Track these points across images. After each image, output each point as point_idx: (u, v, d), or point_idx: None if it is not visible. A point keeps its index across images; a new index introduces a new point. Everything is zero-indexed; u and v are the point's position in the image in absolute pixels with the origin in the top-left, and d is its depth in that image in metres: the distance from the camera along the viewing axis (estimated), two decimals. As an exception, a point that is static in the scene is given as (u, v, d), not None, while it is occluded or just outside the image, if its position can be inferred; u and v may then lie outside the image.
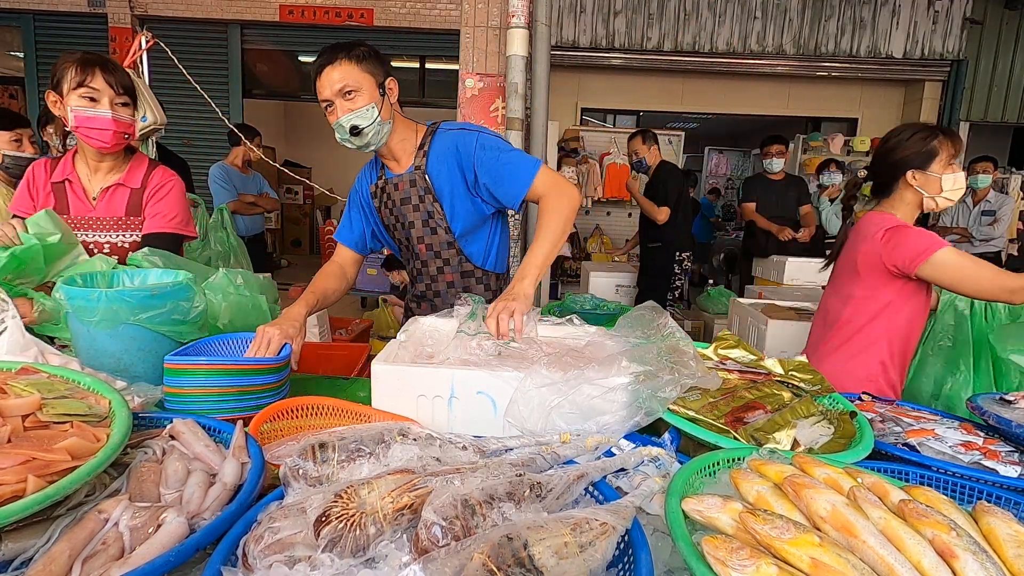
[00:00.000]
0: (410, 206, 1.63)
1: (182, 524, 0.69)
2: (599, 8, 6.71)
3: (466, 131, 1.59)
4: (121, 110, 1.55)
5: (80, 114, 1.50)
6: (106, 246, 1.63)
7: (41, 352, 1.15)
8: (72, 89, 1.49)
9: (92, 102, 1.51)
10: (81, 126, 1.51)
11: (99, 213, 1.64)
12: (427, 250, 1.67)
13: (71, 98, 1.50)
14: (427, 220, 1.62)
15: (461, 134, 1.58)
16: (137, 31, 5.16)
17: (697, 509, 0.68)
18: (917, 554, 0.60)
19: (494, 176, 1.54)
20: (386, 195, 1.67)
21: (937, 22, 6.67)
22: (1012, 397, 1.20)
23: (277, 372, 1.17)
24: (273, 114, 9.54)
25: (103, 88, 1.51)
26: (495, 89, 4.32)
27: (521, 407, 1.01)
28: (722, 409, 1.04)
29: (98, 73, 1.50)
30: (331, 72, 1.44)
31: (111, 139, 1.54)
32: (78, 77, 1.49)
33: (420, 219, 1.63)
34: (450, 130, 1.62)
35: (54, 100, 1.53)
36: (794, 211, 4.44)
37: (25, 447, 0.71)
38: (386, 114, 1.51)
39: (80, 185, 1.64)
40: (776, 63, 6.86)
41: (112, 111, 1.52)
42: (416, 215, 1.63)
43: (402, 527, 0.69)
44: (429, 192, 1.59)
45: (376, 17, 5.34)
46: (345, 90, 1.44)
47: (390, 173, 1.66)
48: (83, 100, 1.50)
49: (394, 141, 1.59)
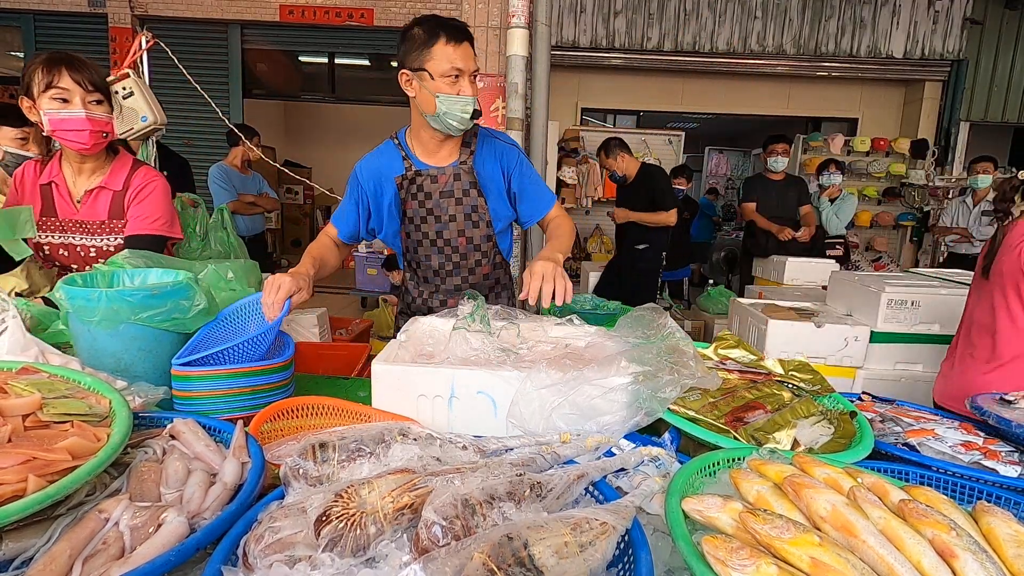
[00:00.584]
0: (452, 200, 1.64)
1: (182, 524, 0.69)
2: (599, 8, 6.70)
3: (509, 145, 1.71)
4: (95, 108, 1.49)
5: (53, 116, 1.45)
6: (92, 250, 1.61)
7: (41, 352, 1.15)
8: (42, 92, 1.44)
9: (64, 103, 1.45)
10: (56, 129, 1.47)
11: (83, 216, 1.61)
12: (467, 243, 1.69)
13: (42, 101, 1.45)
14: (470, 214, 1.65)
15: (505, 146, 1.69)
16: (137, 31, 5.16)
17: (697, 509, 0.68)
18: (917, 554, 0.60)
19: (524, 193, 1.69)
20: (417, 187, 1.63)
21: (937, 22, 6.67)
22: (1012, 397, 1.20)
23: (283, 370, 1.17)
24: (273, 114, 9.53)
25: (72, 87, 1.45)
26: (495, 89, 4.32)
27: (522, 408, 1.01)
28: (722, 409, 1.04)
29: (64, 72, 1.44)
30: (469, 49, 1.48)
31: (88, 139, 1.49)
32: (46, 78, 1.43)
33: (463, 212, 1.65)
34: (495, 137, 1.70)
35: (28, 106, 1.48)
36: (794, 211, 4.44)
37: (26, 447, 0.71)
38: None
39: (65, 187, 1.60)
40: (776, 63, 6.85)
41: (86, 110, 1.47)
42: (459, 208, 1.64)
43: (402, 527, 0.69)
44: (475, 187, 1.63)
45: (376, 17, 5.33)
46: (474, 72, 1.49)
47: (423, 164, 1.64)
48: (54, 102, 1.45)
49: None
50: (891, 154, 6.93)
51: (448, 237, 1.68)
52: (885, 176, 6.94)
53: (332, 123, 9.81)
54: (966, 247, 5.11)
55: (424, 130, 1.59)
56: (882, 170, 6.89)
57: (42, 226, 1.60)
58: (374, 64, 6.28)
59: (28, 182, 1.62)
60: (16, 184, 1.62)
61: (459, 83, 1.47)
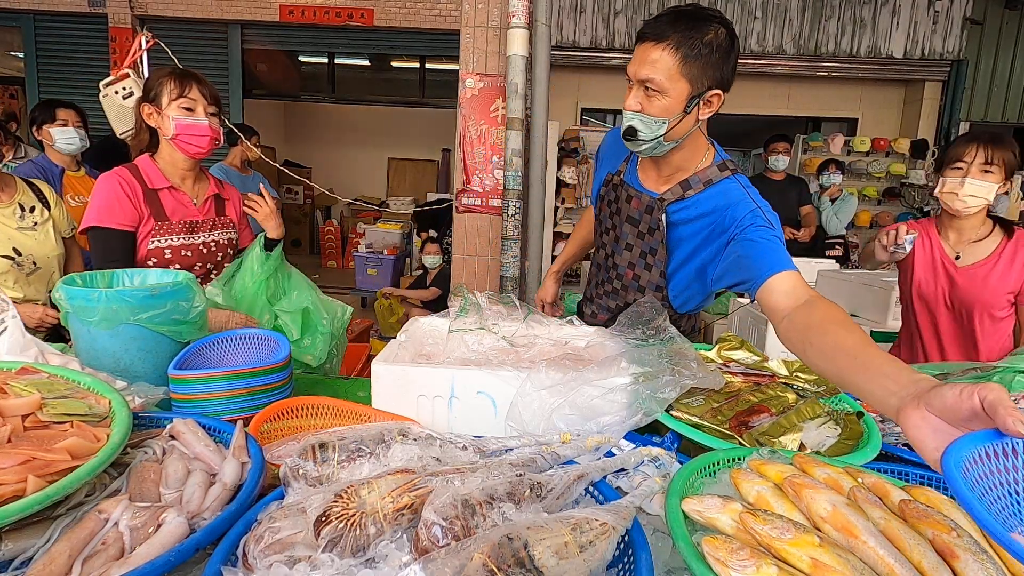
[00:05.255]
0: (636, 230, 1.42)
1: (182, 524, 0.69)
2: (599, 8, 6.70)
3: (751, 202, 1.29)
4: (213, 119, 1.70)
5: (181, 122, 1.64)
6: (212, 244, 1.78)
7: (41, 352, 1.15)
8: (172, 100, 1.63)
9: (189, 112, 1.65)
10: (181, 133, 1.65)
11: (202, 215, 1.77)
12: (632, 278, 1.49)
13: (171, 109, 1.63)
14: (647, 254, 1.43)
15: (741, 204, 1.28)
16: (137, 31, 5.16)
17: (697, 509, 0.68)
18: (917, 554, 0.60)
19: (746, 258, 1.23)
20: (615, 195, 1.47)
21: (937, 22, 6.67)
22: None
23: (281, 371, 1.17)
24: (273, 114, 9.52)
25: (199, 99, 1.66)
26: (495, 89, 4.32)
27: (522, 410, 1.01)
28: (726, 414, 1.03)
29: (194, 86, 1.66)
30: (650, 51, 1.17)
31: (207, 144, 1.69)
32: (178, 89, 1.63)
33: (640, 249, 1.44)
34: (740, 190, 1.31)
35: (149, 112, 1.66)
36: (795, 211, 4.44)
37: (25, 447, 0.71)
38: (679, 132, 1.26)
39: (181, 191, 1.73)
40: (776, 63, 6.85)
41: (208, 119, 1.67)
42: (638, 242, 1.43)
43: (402, 527, 0.69)
44: (660, 231, 1.37)
45: (376, 17, 5.33)
46: (648, 82, 1.19)
47: (634, 179, 1.43)
48: (182, 111, 1.64)
49: (671, 160, 1.35)
50: (891, 154, 6.92)
51: (618, 262, 1.50)
52: (885, 176, 6.93)
53: (332, 123, 9.80)
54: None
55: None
56: (882, 170, 6.88)
57: (161, 231, 1.69)
58: (374, 64, 6.28)
59: (134, 191, 1.65)
60: (125, 193, 1.63)
61: (630, 90, 1.25)
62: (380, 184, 9.70)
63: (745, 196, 1.30)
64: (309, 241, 9.97)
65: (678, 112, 1.21)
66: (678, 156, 1.34)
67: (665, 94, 1.19)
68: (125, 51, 3.19)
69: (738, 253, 1.25)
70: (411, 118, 8.88)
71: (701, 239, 1.36)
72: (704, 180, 1.34)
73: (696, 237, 1.36)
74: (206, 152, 1.71)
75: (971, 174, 1.68)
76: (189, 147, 1.68)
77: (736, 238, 1.26)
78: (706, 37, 1.16)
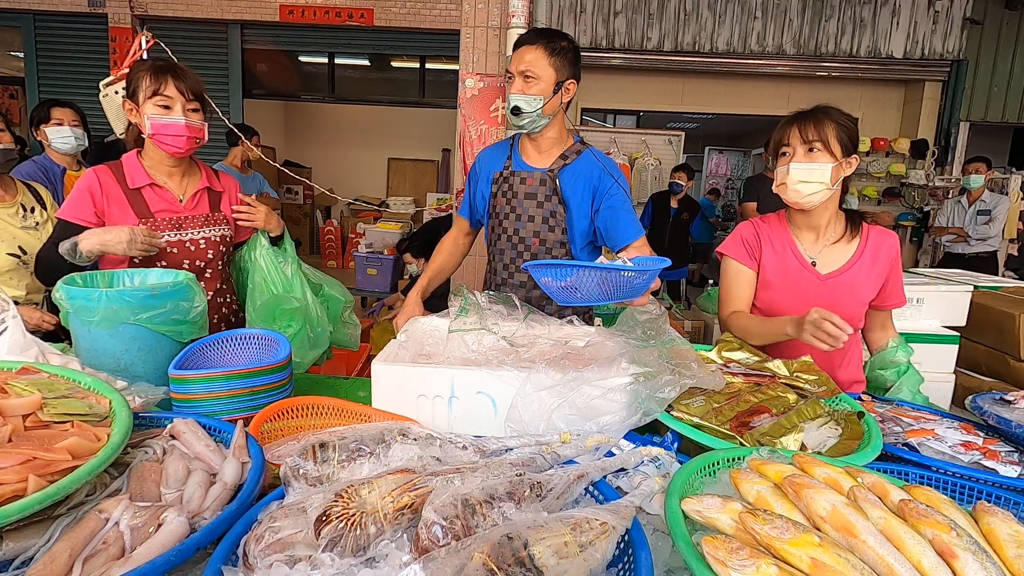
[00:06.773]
0: (534, 202, 1.78)
1: (183, 523, 0.69)
2: (599, 8, 6.70)
3: (608, 173, 1.76)
4: (192, 116, 1.62)
5: (156, 121, 1.58)
6: (201, 241, 1.72)
7: (41, 352, 1.15)
8: (147, 98, 1.57)
9: (166, 110, 1.58)
10: (157, 133, 1.59)
11: (189, 212, 1.71)
12: (539, 244, 1.80)
13: (147, 107, 1.58)
14: (548, 218, 1.78)
15: (604, 172, 1.75)
16: (137, 31, 5.16)
17: (697, 509, 0.68)
18: (917, 554, 0.60)
19: (610, 219, 1.72)
20: (508, 185, 1.80)
21: (937, 22, 6.66)
22: (1012, 397, 1.20)
23: (281, 371, 1.17)
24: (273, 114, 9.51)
25: (175, 95, 1.59)
26: (495, 89, 4.32)
27: (522, 410, 1.01)
28: (726, 415, 1.03)
29: (170, 81, 1.58)
30: (527, 51, 1.65)
31: (184, 144, 1.62)
32: (152, 85, 1.57)
33: (541, 215, 1.78)
34: (600, 162, 1.78)
35: (130, 108, 1.61)
36: (794, 211, 4.43)
37: (26, 447, 0.71)
38: (550, 108, 1.69)
39: (164, 189, 1.68)
40: (776, 63, 6.84)
41: (185, 117, 1.60)
42: (539, 211, 1.78)
43: (402, 527, 0.69)
44: (556, 194, 1.76)
45: (376, 17, 5.33)
46: (527, 72, 1.64)
47: (522, 165, 1.81)
48: (158, 108, 1.58)
49: (546, 136, 1.76)
50: (891, 154, 6.93)
51: (524, 235, 1.80)
52: (885, 176, 6.94)
53: (332, 123, 9.79)
54: (962, 246, 5.14)
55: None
56: (882, 170, 6.88)
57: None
58: (374, 64, 6.28)
59: (109, 189, 1.62)
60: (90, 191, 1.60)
61: (512, 83, 1.66)
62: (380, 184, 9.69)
63: (601, 166, 1.77)
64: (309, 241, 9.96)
65: (549, 93, 1.67)
66: (551, 134, 1.77)
67: (539, 80, 1.65)
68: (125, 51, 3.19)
69: (608, 208, 1.74)
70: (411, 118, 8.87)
71: (583, 192, 1.76)
72: (575, 151, 1.79)
73: (580, 192, 1.76)
74: (185, 152, 1.64)
75: (795, 158, 1.49)
76: (166, 146, 1.61)
77: (605, 202, 1.73)
78: (562, 43, 1.67)
